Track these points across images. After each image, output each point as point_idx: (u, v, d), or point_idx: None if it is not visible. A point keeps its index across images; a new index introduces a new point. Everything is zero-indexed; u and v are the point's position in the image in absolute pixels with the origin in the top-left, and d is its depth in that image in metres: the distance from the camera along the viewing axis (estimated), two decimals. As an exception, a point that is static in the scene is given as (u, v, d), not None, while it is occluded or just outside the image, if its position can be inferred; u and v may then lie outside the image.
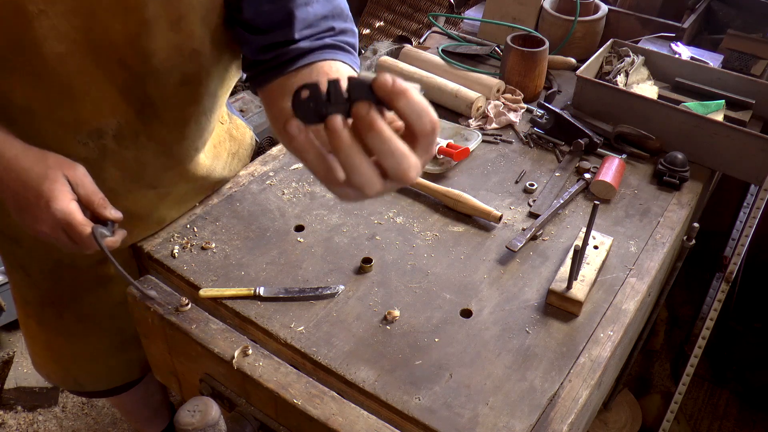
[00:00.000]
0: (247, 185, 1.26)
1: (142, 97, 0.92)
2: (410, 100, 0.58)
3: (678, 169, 1.30)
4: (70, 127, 0.91)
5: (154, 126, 0.97)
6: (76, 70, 0.84)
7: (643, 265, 1.13)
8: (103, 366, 1.32)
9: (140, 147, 0.99)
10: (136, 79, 0.89)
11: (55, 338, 1.29)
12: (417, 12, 2.88)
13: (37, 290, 1.21)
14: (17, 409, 2.03)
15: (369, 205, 1.23)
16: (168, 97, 0.94)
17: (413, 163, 0.60)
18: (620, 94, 1.43)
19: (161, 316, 1.03)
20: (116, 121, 0.93)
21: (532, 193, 1.28)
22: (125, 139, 0.96)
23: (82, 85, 0.86)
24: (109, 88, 0.89)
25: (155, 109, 0.95)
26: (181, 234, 1.15)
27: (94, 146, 0.95)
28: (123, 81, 0.89)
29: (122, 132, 0.95)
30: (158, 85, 0.91)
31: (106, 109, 0.91)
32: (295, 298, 1.03)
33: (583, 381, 0.93)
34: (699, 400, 2.05)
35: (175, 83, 0.93)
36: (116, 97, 0.90)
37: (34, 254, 1.15)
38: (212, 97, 1.02)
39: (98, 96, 0.89)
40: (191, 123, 1.02)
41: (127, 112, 0.93)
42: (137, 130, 0.96)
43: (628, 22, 1.77)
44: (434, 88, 1.53)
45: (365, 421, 0.89)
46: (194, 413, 0.82)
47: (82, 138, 0.93)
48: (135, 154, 0.99)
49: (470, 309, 1.03)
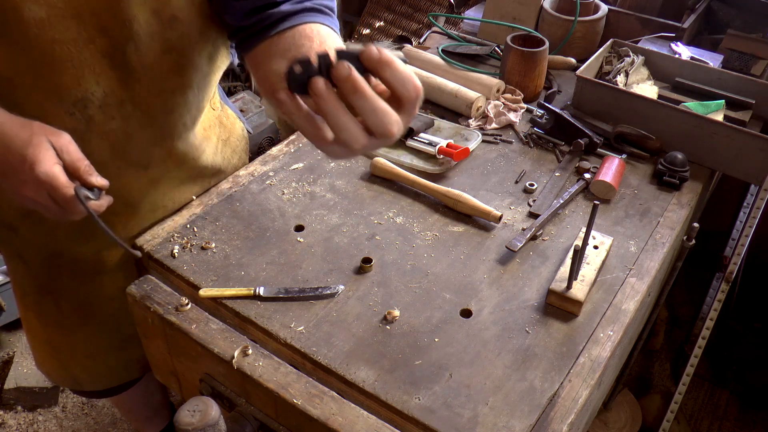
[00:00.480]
0: (247, 185, 1.26)
1: (125, 64, 0.93)
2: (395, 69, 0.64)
3: (678, 169, 1.30)
4: (54, 96, 0.92)
5: (139, 94, 0.97)
6: (58, 37, 0.85)
7: (643, 265, 1.13)
8: (102, 365, 1.32)
9: (126, 117, 0.99)
10: (117, 45, 0.90)
11: (54, 332, 1.29)
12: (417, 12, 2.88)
13: (35, 279, 1.22)
14: (17, 409, 2.03)
15: (369, 205, 1.23)
16: (150, 65, 0.95)
17: (395, 119, 0.66)
18: (620, 94, 1.43)
19: (161, 316, 1.03)
20: (101, 90, 0.94)
21: (532, 193, 1.28)
22: (110, 108, 0.97)
23: (64, 52, 0.87)
24: (91, 55, 0.89)
25: (138, 77, 0.95)
26: (181, 234, 1.15)
27: (81, 116, 0.95)
28: (104, 47, 0.90)
29: (107, 101, 0.95)
30: (139, 52, 0.92)
31: (89, 76, 0.91)
32: (295, 298, 1.03)
33: (583, 381, 0.93)
34: (699, 400, 2.05)
35: (156, 51, 0.94)
36: (99, 64, 0.91)
37: (31, 242, 1.15)
38: (198, 72, 1.03)
39: (80, 63, 0.89)
40: (177, 95, 1.03)
41: (110, 80, 0.93)
42: (122, 98, 0.96)
43: (628, 22, 1.77)
44: (434, 88, 1.53)
45: (365, 421, 0.89)
46: (194, 413, 0.82)
47: (68, 108, 0.93)
48: (121, 125, 1.00)
49: (470, 309, 1.03)
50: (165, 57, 0.96)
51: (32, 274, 1.21)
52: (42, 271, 1.19)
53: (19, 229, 1.13)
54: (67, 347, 1.30)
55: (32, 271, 1.20)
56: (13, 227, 1.13)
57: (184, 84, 1.03)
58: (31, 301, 1.27)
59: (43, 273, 1.20)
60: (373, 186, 1.28)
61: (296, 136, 1.41)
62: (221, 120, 1.25)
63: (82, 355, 1.31)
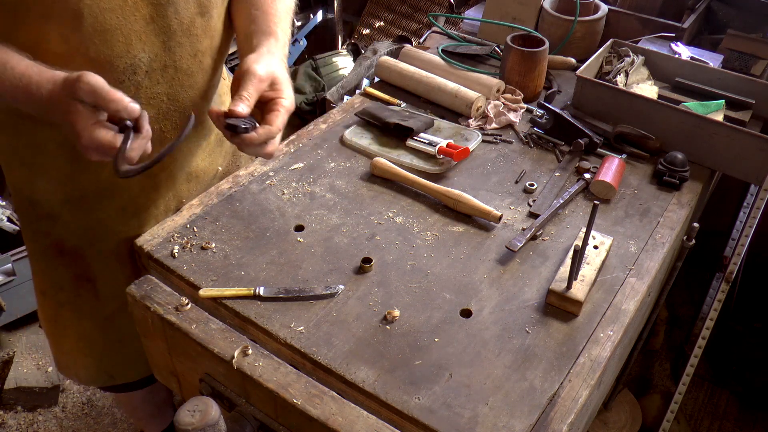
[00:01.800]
0: (247, 185, 1.26)
1: (166, 28, 1.02)
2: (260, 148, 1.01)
3: (678, 169, 1.30)
4: (106, 66, 0.98)
5: (180, 57, 1.07)
6: (107, 7, 0.93)
7: (643, 265, 1.13)
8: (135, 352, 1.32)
9: (169, 80, 1.07)
10: (158, 10, 0.99)
11: (90, 323, 1.30)
12: (417, 12, 2.89)
13: (72, 269, 1.23)
14: (17, 409, 2.03)
15: (369, 205, 1.23)
16: (188, 27, 1.05)
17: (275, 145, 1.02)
18: (620, 94, 1.43)
19: (161, 316, 1.03)
20: (147, 56, 1.02)
21: (532, 193, 1.28)
22: (156, 73, 1.05)
23: (113, 20, 0.95)
24: (137, 22, 0.97)
25: (179, 41, 1.05)
26: (181, 234, 1.15)
27: (130, 83, 1.02)
28: (148, 13, 0.98)
29: (152, 66, 1.04)
30: (178, 15, 1.02)
31: (136, 43, 0.99)
32: (295, 298, 1.03)
33: (583, 381, 0.93)
34: (699, 400, 2.05)
35: (192, 13, 1.04)
36: (144, 30, 0.99)
37: (72, 228, 1.18)
38: (220, 35, 1.14)
39: (128, 30, 0.97)
40: (207, 56, 1.12)
41: (154, 44, 1.02)
42: (165, 62, 1.05)
43: (628, 22, 1.77)
44: (434, 88, 1.53)
45: (365, 421, 0.89)
46: (194, 413, 0.82)
47: (118, 76, 1.00)
48: (165, 89, 1.08)
49: (470, 309, 1.03)
50: (198, 19, 1.06)
51: (69, 266, 1.23)
52: (80, 260, 1.22)
53: (60, 215, 1.17)
54: (102, 338, 1.31)
55: (69, 262, 1.23)
56: (52, 215, 1.17)
57: (212, 46, 1.13)
58: (66, 296, 1.28)
59: (83, 261, 1.22)
60: (373, 186, 1.28)
61: (296, 137, 1.41)
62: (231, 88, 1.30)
63: (117, 345, 1.32)
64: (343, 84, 2.44)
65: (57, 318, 1.33)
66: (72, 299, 1.28)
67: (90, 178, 1.13)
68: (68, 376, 1.44)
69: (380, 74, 1.63)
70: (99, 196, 1.16)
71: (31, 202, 1.18)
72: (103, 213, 1.17)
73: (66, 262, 1.23)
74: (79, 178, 1.13)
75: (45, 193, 1.15)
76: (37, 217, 1.19)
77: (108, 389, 1.55)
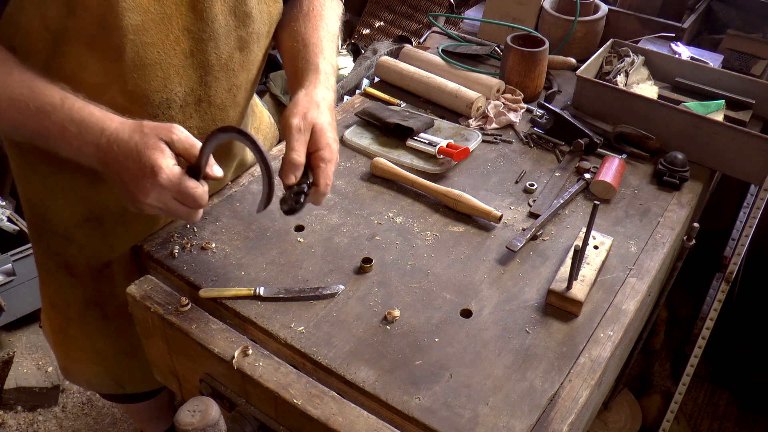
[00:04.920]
0: (247, 185, 1.26)
1: (204, 63, 1.01)
2: None
3: (678, 169, 1.30)
4: (141, 100, 0.97)
5: (215, 92, 1.07)
6: (149, 41, 0.91)
7: (643, 265, 1.13)
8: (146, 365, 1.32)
9: (202, 114, 1.06)
10: (199, 44, 0.98)
11: (99, 339, 1.29)
12: (417, 12, 2.89)
13: (81, 290, 1.22)
14: (17, 409, 2.03)
15: (369, 205, 1.23)
16: (226, 62, 1.04)
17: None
18: (620, 94, 1.43)
19: (161, 316, 1.03)
20: (182, 90, 1.00)
21: (532, 193, 1.28)
22: (189, 108, 1.03)
23: (153, 54, 0.93)
24: (176, 57, 0.96)
25: (216, 75, 1.04)
26: (181, 234, 1.15)
27: (163, 118, 1.01)
28: (188, 48, 0.97)
29: (187, 100, 1.02)
30: (218, 50, 1.01)
31: (173, 77, 0.98)
32: (295, 298, 1.03)
33: (583, 381, 0.93)
34: (699, 400, 2.05)
35: (231, 48, 1.03)
36: (182, 64, 0.98)
37: (84, 250, 1.17)
38: (256, 65, 1.12)
39: (167, 65, 0.96)
40: (242, 90, 1.12)
41: (191, 79, 1.00)
42: (200, 96, 1.03)
43: (628, 22, 1.77)
44: (434, 88, 1.53)
45: (365, 421, 0.89)
46: (194, 413, 0.82)
47: (153, 110, 0.99)
48: (197, 123, 1.08)
49: (470, 309, 1.03)
50: (236, 54, 1.05)
51: (79, 285, 1.22)
52: (90, 281, 1.20)
53: (75, 236, 1.15)
54: (111, 351, 1.30)
55: (80, 282, 1.21)
56: (68, 236, 1.15)
57: (249, 79, 1.11)
58: (75, 313, 1.26)
59: (91, 283, 1.21)
60: (373, 186, 1.28)
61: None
62: (252, 108, 1.31)
63: (127, 357, 1.31)
64: (343, 84, 2.44)
65: (66, 330, 1.32)
66: (80, 316, 1.27)
67: (108, 201, 1.11)
68: (77, 383, 1.43)
69: (380, 74, 1.63)
70: (116, 220, 1.14)
71: (44, 219, 1.16)
72: (116, 237, 1.15)
73: (75, 283, 1.22)
74: (96, 200, 1.11)
75: (60, 212, 1.13)
76: (50, 235, 1.17)
77: (116, 399, 1.54)
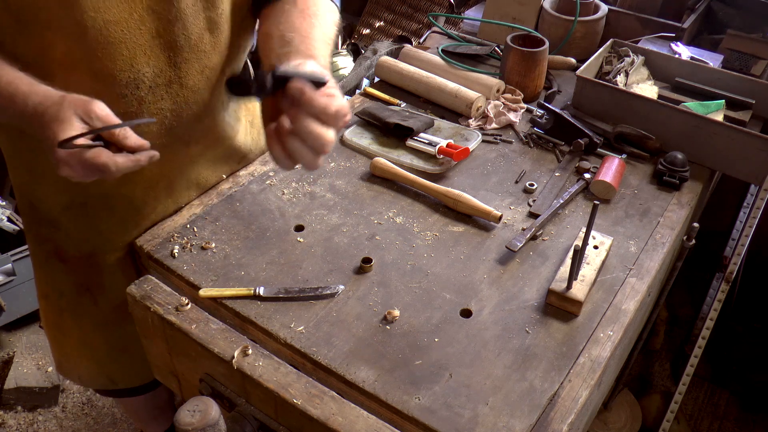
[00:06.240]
0: (247, 185, 1.26)
1: (172, 43, 0.99)
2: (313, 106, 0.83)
3: (678, 169, 1.30)
4: (108, 79, 0.96)
5: (186, 73, 1.04)
6: (112, 20, 0.91)
7: (643, 265, 1.13)
8: (138, 360, 1.32)
9: (173, 96, 1.05)
10: (165, 24, 0.97)
11: (91, 330, 1.29)
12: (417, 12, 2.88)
13: (73, 277, 1.23)
14: (17, 409, 2.03)
15: (369, 205, 1.23)
16: (195, 43, 1.02)
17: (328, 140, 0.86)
18: (620, 94, 1.43)
19: (161, 316, 1.03)
20: (151, 71, 0.99)
21: (532, 193, 1.28)
22: (160, 89, 1.02)
23: (117, 33, 0.93)
24: (142, 36, 0.95)
25: (185, 57, 1.02)
26: (181, 234, 1.15)
27: (132, 98, 1.00)
28: (154, 28, 0.96)
29: (157, 81, 1.01)
30: (186, 30, 0.99)
31: (140, 57, 0.97)
32: (295, 298, 1.03)
33: (583, 381, 0.93)
34: (699, 400, 2.05)
35: (200, 28, 1.01)
36: (149, 44, 0.97)
37: (72, 236, 1.18)
38: (233, 48, 1.11)
39: (133, 44, 0.95)
40: (216, 72, 1.10)
41: (159, 59, 0.99)
42: (170, 78, 1.02)
43: (628, 22, 1.77)
44: (434, 88, 1.53)
45: (365, 421, 0.89)
46: (194, 413, 0.82)
47: (120, 90, 0.98)
48: (169, 105, 1.05)
49: (470, 309, 1.03)
50: (206, 35, 1.03)
51: (71, 272, 1.23)
52: (81, 268, 1.21)
53: (61, 222, 1.16)
54: (104, 344, 1.31)
55: (71, 269, 1.22)
56: (55, 223, 1.16)
57: (222, 61, 1.10)
58: (67, 302, 1.27)
59: (82, 271, 1.22)
60: (373, 186, 1.28)
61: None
62: (245, 103, 1.30)
63: (119, 351, 1.32)
64: (343, 84, 2.44)
65: (59, 322, 1.33)
66: (73, 306, 1.27)
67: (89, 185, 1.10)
68: (69, 378, 1.43)
69: (380, 74, 1.63)
70: (99, 204, 1.14)
71: (32, 206, 1.18)
72: (102, 222, 1.16)
73: (67, 269, 1.22)
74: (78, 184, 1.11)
75: (45, 198, 1.14)
76: (39, 222, 1.19)
77: (109, 394, 1.55)
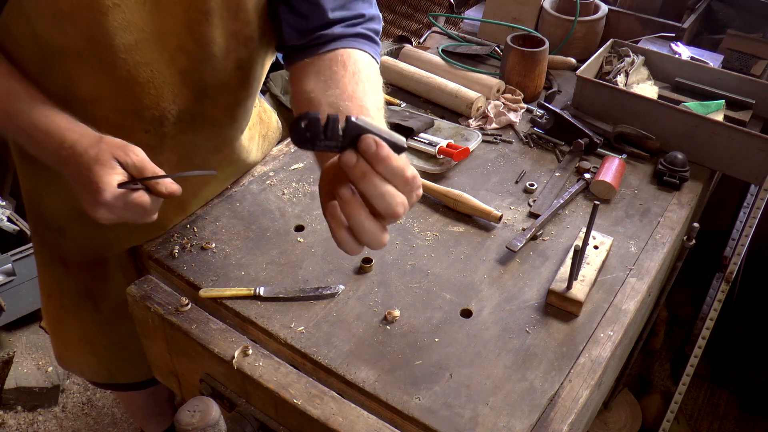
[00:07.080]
0: (247, 185, 1.26)
1: (200, 82, 0.98)
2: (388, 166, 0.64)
3: (678, 169, 1.30)
4: (134, 115, 0.95)
5: (210, 109, 1.03)
6: (142, 60, 0.89)
7: (643, 265, 1.13)
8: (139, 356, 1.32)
9: (196, 130, 1.04)
10: (195, 65, 0.95)
11: (93, 329, 1.29)
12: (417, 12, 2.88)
13: (76, 284, 1.23)
14: (17, 409, 2.03)
15: (369, 205, 1.23)
16: (224, 82, 1.00)
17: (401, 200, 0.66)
18: (620, 94, 1.43)
19: (161, 316, 1.03)
20: (176, 108, 0.98)
21: (532, 193, 1.28)
22: (183, 124, 1.01)
23: (146, 73, 0.91)
24: (170, 75, 0.94)
25: (211, 94, 1.01)
26: (181, 234, 1.15)
27: (156, 133, 0.99)
28: (183, 68, 0.94)
29: (181, 117, 1.00)
30: (215, 71, 0.97)
31: (167, 95, 0.96)
32: (295, 298, 1.03)
33: (583, 381, 0.93)
34: (699, 400, 2.05)
35: (230, 69, 0.99)
36: (177, 83, 0.95)
37: (77, 244, 1.17)
38: (258, 80, 1.09)
39: (161, 83, 0.94)
40: (241, 106, 1.09)
41: (186, 98, 0.98)
42: (194, 113, 1.01)
43: (628, 22, 1.77)
44: (434, 88, 1.53)
45: (365, 421, 0.89)
46: (194, 413, 0.82)
47: (145, 126, 0.97)
48: (191, 138, 1.05)
49: (470, 309, 1.03)
50: (236, 73, 1.01)
51: (73, 278, 1.22)
52: (84, 275, 1.21)
53: (67, 230, 1.15)
54: (105, 342, 1.31)
55: (74, 275, 1.22)
56: (60, 230, 1.16)
57: (248, 95, 1.08)
58: (70, 303, 1.27)
59: (85, 277, 1.21)
60: (373, 186, 1.28)
61: (296, 136, 1.41)
62: (261, 116, 1.31)
63: (120, 347, 1.32)
64: (343, 84, 2.44)
65: (60, 319, 1.33)
66: (75, 308, 1.27)
67: None
68: (70, 370, 1.44)
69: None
70: None
71: (39, 214, 1.18)
72: (110, 231, 1.15)
73: (70, 273, 1.22)
74: None
75: (52, 205, 1.14)
76: (45, 228, 1.19)
77: (109, 387, 1.55)
